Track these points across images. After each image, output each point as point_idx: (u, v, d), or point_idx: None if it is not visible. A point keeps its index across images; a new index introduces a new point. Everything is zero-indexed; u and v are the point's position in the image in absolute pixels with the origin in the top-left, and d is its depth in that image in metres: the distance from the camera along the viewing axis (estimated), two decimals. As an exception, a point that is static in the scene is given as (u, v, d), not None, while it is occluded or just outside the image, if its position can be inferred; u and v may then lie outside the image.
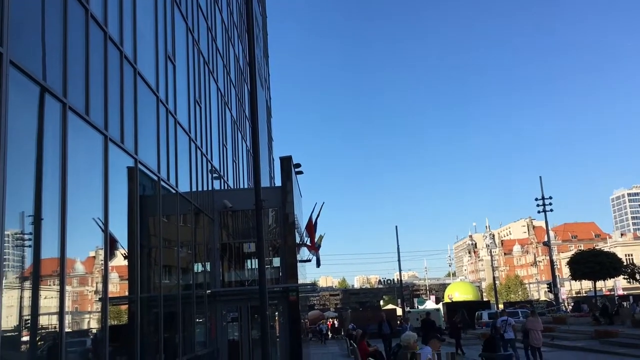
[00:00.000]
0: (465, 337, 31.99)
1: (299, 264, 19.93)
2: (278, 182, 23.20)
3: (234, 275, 20.10)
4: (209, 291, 16.97)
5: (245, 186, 26.51)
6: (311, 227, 21.63)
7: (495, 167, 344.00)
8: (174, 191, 13.89)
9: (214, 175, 19.44)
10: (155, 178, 12.63)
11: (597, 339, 25.40)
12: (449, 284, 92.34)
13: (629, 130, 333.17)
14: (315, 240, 22.17)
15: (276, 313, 18.08)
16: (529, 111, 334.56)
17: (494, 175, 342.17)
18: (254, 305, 16.15)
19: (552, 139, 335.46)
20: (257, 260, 12.34)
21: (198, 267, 16.91)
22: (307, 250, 22.65)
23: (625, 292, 68.28)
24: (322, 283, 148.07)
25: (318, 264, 23.52)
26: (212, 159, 18.97)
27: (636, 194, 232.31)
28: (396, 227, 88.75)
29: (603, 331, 26.22)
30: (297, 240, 20.38)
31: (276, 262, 19.56)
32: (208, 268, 17.59)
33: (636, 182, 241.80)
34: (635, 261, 65.50)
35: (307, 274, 28.58)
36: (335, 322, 56.59)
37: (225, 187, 21.63)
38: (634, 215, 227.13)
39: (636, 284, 38.58)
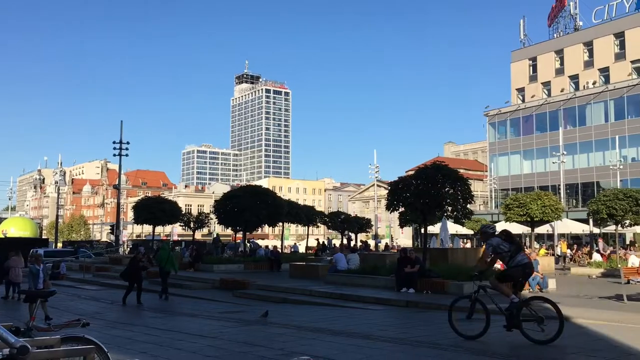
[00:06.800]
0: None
1: None
2: None
3: None
4: None
5: None
6: None
7: (73, 105, 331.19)
8: None
9: None
10: None
11: (147, 278, 27.18)
12: (5, 218, 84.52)
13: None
14: None
15: None
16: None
17: (68, 112, 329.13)
18: None
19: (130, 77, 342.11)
20: None
21: None
22: None
23: (179, 238, 75.27)
24: None
25: None
26: None
27: (204, 152, 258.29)
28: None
29: (153, 272, 28.18)
30: None
31: None
32: None
33: (205, 141, 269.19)
34: (192, 211, 72.77)
35: None
36: None
37: None
38: (199, 170, 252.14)
39: (190, 231, 42.87)
